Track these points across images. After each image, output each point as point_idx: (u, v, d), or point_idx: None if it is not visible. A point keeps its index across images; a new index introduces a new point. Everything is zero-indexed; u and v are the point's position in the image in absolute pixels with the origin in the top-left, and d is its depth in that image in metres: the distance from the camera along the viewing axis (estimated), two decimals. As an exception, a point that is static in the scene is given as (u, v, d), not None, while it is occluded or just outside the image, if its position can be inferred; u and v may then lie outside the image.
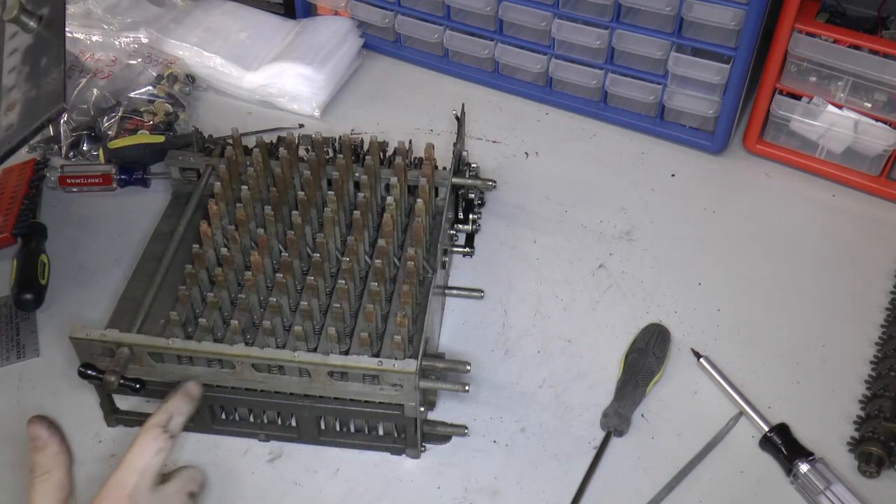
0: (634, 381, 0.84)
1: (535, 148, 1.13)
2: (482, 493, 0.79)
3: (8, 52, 0.84)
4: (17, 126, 0.77)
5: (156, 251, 0.88)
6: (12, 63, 0.82)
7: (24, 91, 0.79)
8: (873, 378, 0.86)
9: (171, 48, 1.20)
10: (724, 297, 0.95)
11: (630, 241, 1.01)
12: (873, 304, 0.93)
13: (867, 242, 1.01)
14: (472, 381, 0.84)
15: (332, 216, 0.86)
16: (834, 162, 1.06)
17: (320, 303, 0.82)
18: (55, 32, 0.81)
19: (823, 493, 0.76)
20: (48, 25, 0.82)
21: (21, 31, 0.83)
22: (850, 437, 0.81)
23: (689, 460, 0.80)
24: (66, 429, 0.82)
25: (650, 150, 1.12)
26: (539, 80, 1.18)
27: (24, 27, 0.82)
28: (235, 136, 0.94)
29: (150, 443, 0.63)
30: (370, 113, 1.18)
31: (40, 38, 0.82)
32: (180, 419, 0.67)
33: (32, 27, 0.82)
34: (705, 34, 1.03)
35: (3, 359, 0.88)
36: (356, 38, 1.24)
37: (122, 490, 0.60)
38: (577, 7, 1.08)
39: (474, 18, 1.17)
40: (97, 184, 1.04)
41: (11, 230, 0.96)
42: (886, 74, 0.96)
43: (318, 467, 0.80)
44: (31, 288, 0.91)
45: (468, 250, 0.98)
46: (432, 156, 0.92)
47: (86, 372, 0.75)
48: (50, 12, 0.83)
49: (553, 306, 0.94)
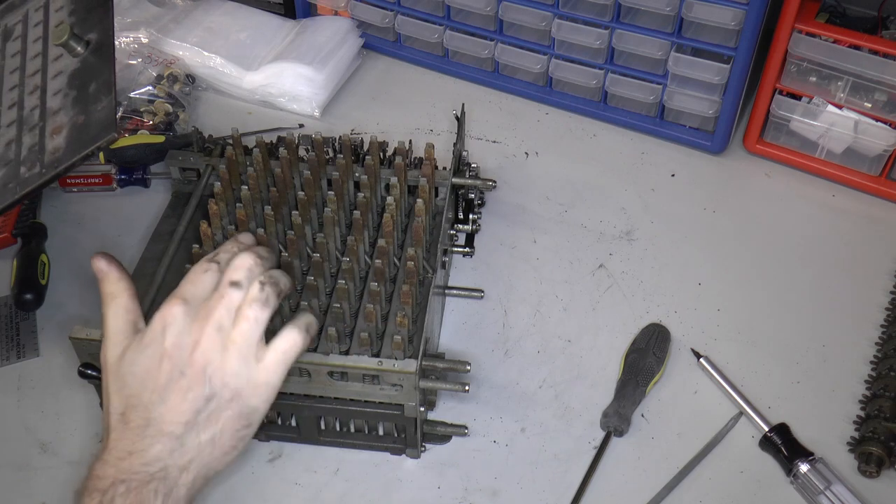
0: (634, 381, 0.84)
1: (535, 148, 1.13)
2: (482, 493, 0.79)
3: (52, 74, 0.84)
4: (65, 150, 0.78)
5: (156, 251, 0.88)
6: (57, 86, 0.83)
7: (72, 116, 0.79)
8: (873, 378, 0.86)
9: (171, 48, 1.20)
10: (724, 297, 0.95)
11: (630, 241, 1.01)
12: (873, 304, 0.93)
13: (867, 242, 1.01)
14: (472, 381, 0.84)
15: (332, 216, 0.86)
16: (834, 162, 1.06)
17: (320, 303, 0.82)
18: (104, 58, 0.81)
19: (823, 493, 0.76)
20: (96, 51, 0.82)
21: (66, 54, 0.83)
22: (850, 437, 0.81)
23: (689, 460, 0.80)
24: (65, 429, 0.83)
25: (650, 150, 1.12)
26: (539, 80, 1.18)
27: (72, 52, 0.83)
28: (235, 136, 0.94)
29: (203, 263, 0.62)
30: (370, 113, 1.18)
31: (87, 63, 0.82)
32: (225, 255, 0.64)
33: (79, 52, 0.82)
34: (705, 34, 1.03)
35: (3, 359, 0.89)
36: (356, 38, 1.24)
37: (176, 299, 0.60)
38: (577, 7, 1.08)
39: (474, 18, 1.17)
40: (97, 184, 1.04)
41: (11, 230, 0.96)
42: (886, 74, 0.96)
43: (318, 467, 0.80)
44: (31, 288, 0.91)
45: (468, 250, 0.98)
46: (432, 156, 0.92)
47: (86, 372, 0.75)
48: (98, 37, 0.83)
49: (553, 306, 0.94)
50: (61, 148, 0.78)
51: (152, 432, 0.57)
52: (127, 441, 0.57)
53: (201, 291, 0.61)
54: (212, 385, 0.58)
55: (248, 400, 0.59)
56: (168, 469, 0.56)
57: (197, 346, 0.58)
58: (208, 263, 0.62)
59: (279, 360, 0.60)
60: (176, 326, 0.59)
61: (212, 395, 0.58)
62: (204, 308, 0.59)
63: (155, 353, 0.58)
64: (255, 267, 0.61)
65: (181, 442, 0.57)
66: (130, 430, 0.57)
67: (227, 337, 0.59)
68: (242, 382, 0.59)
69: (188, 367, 0.58)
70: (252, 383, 0.59)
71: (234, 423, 0.58)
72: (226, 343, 0.58)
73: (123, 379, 0.59)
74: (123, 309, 0.62)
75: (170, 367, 0.58)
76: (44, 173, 0.78)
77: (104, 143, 0.77)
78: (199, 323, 0.59)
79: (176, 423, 0.57)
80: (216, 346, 0.58)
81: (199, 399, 0.57)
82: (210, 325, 0.59)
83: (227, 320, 0.59)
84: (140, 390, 0.58)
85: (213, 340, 0.58)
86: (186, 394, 0.57)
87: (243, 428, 0.59)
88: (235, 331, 0.59)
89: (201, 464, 0.58)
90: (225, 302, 0.59)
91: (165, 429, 0.57)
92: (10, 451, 0.81)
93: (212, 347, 0.58)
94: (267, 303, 0.60)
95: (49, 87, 0.83)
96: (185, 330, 0.59)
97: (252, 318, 0.59)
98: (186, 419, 0.57)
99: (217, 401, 0.58)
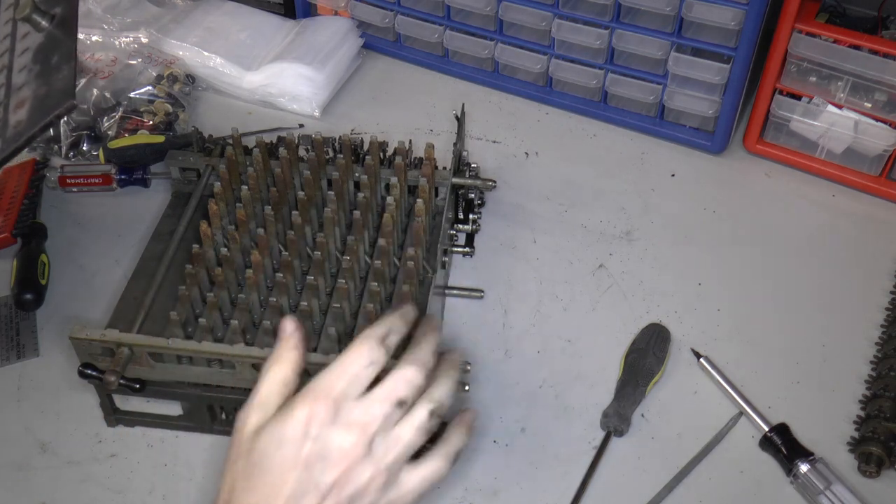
0: (634, 381, 0.84)
1: (535, 148, 1.13)
2: (482, 493, 0.79)
3: (19, 51, 0.84)
4: (26, 123, 0.77)
5: (156, 251, 0.88)
6: (23, 62, 0.82)
7: (34, 89, 0.79)
8: (873, 378, 0.86)
9: (171, 48, 1.20)
10: (724, 297, 0.95)
11: (630, 241, 1.01)
12: (873, 304, 0.93)
13: (867, 242, 1.01)
14: (472, 381, 0.84)
15: (332, 216, 0.86)
16: (834, 162, 1.06)
17: (320, 303, 0.82)
18: (67, 32, 0.81)
19: (823, 493, 0.76)
20: (60, 24, 0.82)
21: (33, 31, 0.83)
22: (850, 437, 0.81)
23: (689, 460, 0.80)
24: (65, 429, 0.83)
25: (650, 150, 1.12)
26: (539, 80, 1.18)
27: (37, 26, 0.82)
28: (235, 136, 0.95)
29: (366, 352, 0.58)
30: (370, 113, 1.18)
31: (52, 37, 0.81)
32: (396, 337, 0.61)
33: (45, 26, 0.82)
34: (705, 34, 1.03)
35: (3, 359, 0.89)
36: (356, 38, 1.24)
37: (329, 392, 0.56)
38: (577, 7, 1.08)
39: (474, 18, 1.17)
40: (97, 184, 1.04)
41: (11, 230, 0.96)
42: (886, 74, 0.96)
43: (318, 467, 0.80)
44: (31, 288, 0.91)
45: (468, 250, 0.98)
46: (432, 156, 0.92)
47: (86, 372, 0.75)
48: (63, 11, 0.82)
49: (553, 306, 0.94)
50: (23, 121, 0.77)
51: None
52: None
53: (356, 391, 0.57)
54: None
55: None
56: None
57: (341, 463, 0.54)
58: (378, 353, 0.58)
59: (421, 486, 0.57)
60: (322, 437, 0.54)
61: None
62: (358, 416, 0.55)
63: (292, 455, 0.54)
64: (423, 384, 0.58)
65: None
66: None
67: (378, 460, 0.55)
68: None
69: (327, 485, 0.54)
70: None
71: None
72: (376, 467, 0.55)
73: (253, 465, 0.55)
74: (282, 378, 0.58)
75: (306, 478, 0.54)
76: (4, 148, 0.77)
77: (62, 112, 0.75)
78: (351, 437, 0.55)
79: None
80: (364, 470, 0.55)
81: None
82: (362, 445, 0.54)
83: (382, 442, 0.55)
84: (267, 490, 0.54)
85: (363, 462, 0.54)
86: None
87: None
88: (390, 456, 0.55)
89: None
90: (384, 421, 0.55)
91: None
92: (10, 451, 0.81)
93: (359, 470, 0.54)
94: (429, 431, 0.57)
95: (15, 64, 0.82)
96: (330, 440, 0.54)
97: (411, 444, 0.56)
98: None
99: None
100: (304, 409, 0.55)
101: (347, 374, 0.56)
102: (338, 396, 0.55)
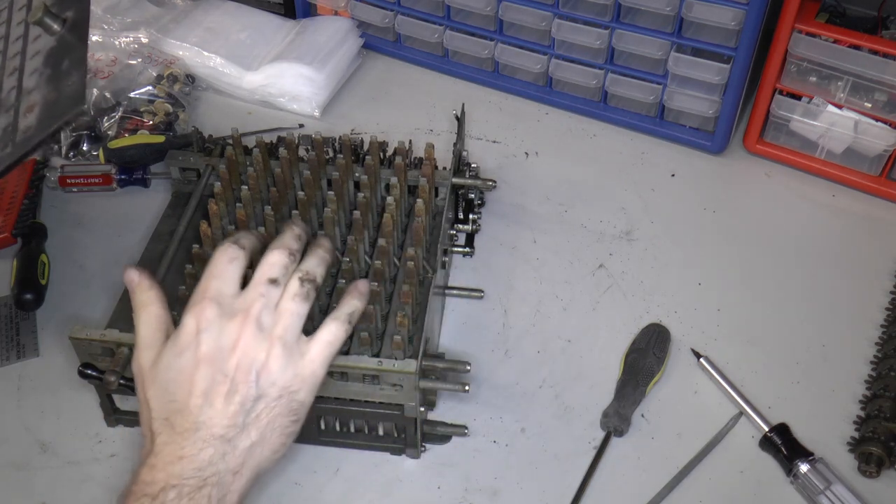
0: (634, 381, 0.84)
1: (535, 148, 1.13)
2: (482, 493, 0.79)
3: (30, 54, 0.84)
4: (36, 128, 0.77)
5: (156, 251, 0.88)
6: (34, 66, 0.82)
7: (45, 93, 0.79)
8: (873, 378, 0.86)
9: (171, 48, 1.20)
10: (724, 297, 0.95)
11: (630, 241, 1.01)
12: (873, 304, 0.93)
13: (867, 242, 1.01)
14: (472, 381, 0.84)
15: (332, 216, 0.86)
16: (834, 162, 1.06)
17: (320, 303, 0.82)
18: (78, 36, 0.81)
19: (823, 493, 0.76)
20: (72, 29, 0.82)
21: (44, 34, 0.83)
22: (850, 437, 0.81)
23: (689, 460, 0.80)
24: (65, 429, 0.83)
25: (650, 150, 1.12)
26: (539, 80, 1.18)
27: (48, 30, 0.82)
28: (235, 136, 0.94)
29: (222, 252, 0.62)
30: (370, 113, 1.18)
31: (63, 42, 0.81)
32: (247, 240, 0.65)
33: (56, 30, 0.82)
34: (705, 34, 1.03)
35: (3, 359, 0.89)
36: (356, 38, 1.24)
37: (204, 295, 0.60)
38: (577, 7, 1.08)
39: (474, 18, 1.17)
40: (97, 184, 1.04)
41: (11, 230, 0.96)
42: (886, 74, 0.96)
43: (318, 467, 0.80)
44: (31, 288, 0.91)
45: (468, 250, 0.98)
46: (432, 156, 0.92)
47: (86, 372, 0.75)
48: (75, 15, 0.82)
49: (553, 306, 0.94)
50: (32, 126, 0.77)
51: (202, 436, 0.56)
52: (175, 446, 0.56)
53: (230, 287, 0.61)
54: (259, 385, 0.58)
55: (295, 395, 0.59)
56: (221, 474, 0.56)
57: (237, 347, 0.58)
58: (234, 250, 0.62)
59: (324, 351, 0.61)
60: (212, 330, 0.58)
61: (259, 395, 0.58)
62: (240, 305, 0.59)
63: (193, 357, 0.58)
64: (291, 264, 0.61)
65: (233, 445, 0.57)
66: (178, 434, 0.56)
67: (269, 335, 0.59)
68: (289, 378, 0.59)
69: (232, 370, 0.57)
70: (299, 377, 0.59)
71: (282, 419, 0.59)
72: (269, 341, 0.58)
73: (163, 385, 0.58)
74: (154, 317, 0.62)
75: (212, 371, 0.57)
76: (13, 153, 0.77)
77: (72, 117, 0.76)
78: (237, 322, 0.59)
79: (225, 427, 0.57)
80: (259, 346, 0.58)
81: (248, 400, 0.57)
82: (250, 325, 0.58)
83: (268, 318, 0.59)
84: (184, 395, 0.57)
85: (256, 340, 0.58)
86: (233, 396, 0.57)
87: (291, 424, 0.59)
88: (278, 327, 0.59)
89: (252, 465, 0.58)
90: (264, 300, 0.59)
91: (216, 432, 0.56)
92: (10, 451, 0.81)
93: (255, 347, 0.58)
94: (307, 297, 0.60)
95: (27, 67, 0.83)
96: (221, 331, 0.58)
97: (294, 313, 0.59)
98: (235, 422, 0.57)
99: (265, 400, 0.58)
100: (190, 317, 0.59)
101: (214, 276, 0.61)
102: (214, 295, 0.59)
